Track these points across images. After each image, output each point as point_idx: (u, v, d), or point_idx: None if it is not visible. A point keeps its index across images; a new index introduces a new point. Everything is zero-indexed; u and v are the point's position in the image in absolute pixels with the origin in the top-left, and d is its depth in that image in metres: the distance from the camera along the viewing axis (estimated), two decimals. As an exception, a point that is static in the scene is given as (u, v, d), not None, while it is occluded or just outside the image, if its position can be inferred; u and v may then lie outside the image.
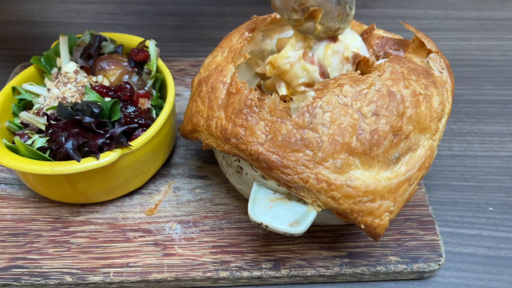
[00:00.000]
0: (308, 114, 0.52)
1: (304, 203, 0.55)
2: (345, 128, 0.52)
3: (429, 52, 0.62)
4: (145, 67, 0.72)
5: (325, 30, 0.57)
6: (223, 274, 0.61)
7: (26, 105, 0.69)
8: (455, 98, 0.90)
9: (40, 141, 0.62)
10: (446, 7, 1.15)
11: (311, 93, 0.55)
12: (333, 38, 0.59)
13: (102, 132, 0.61)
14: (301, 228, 0.52)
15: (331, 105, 0.53)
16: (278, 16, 0.66)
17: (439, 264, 0.63)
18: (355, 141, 0.52)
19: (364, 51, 0.60)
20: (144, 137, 0.63)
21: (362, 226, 0.54)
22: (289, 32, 0.68)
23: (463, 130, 0.85)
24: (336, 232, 0.66)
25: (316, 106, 0.53)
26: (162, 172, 0.74)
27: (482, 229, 0.70)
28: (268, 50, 0.67)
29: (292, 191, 0.54)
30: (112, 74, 0.69)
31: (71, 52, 0.71)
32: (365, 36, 0.66)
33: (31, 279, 0.60)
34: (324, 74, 0.59)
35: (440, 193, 0.75)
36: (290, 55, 0.58)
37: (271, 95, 0.55)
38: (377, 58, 0.66)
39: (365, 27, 0.69)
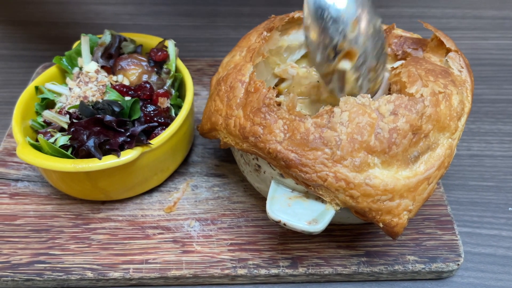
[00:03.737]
0: (326, 115, 0.53)
1: (322, 201, 0.55)
2: (364, 126, 0.52)
3: (448, 50, 0.62)
4: (164, 66, 0.73)
5: (355, 86, 0.55)
6: (241, 271, 0.62)
7: (49, 104, 0.71)
8: (474, 98, 0.89)
9: (62, 139, 0.63)
10: (464, 6, 1.14)
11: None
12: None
13: (122, 130, 0.62)
14: (319, 227, 0.52)
15: (349, 104, 0.53)
16: (296, 15, 0.67)
17: (458, 264, 0.62)
18: (374, 140, 0.52)
19: None
20: (164, 135, 0.64)
21: (381, 225, 0.54)
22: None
23: (482, 129, 0.84)
24: (353, 231, 0.66)
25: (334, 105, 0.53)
26: (181, 170, 0.74)
27: (502, 230, 0.70)
28: (285, 46, 0.68)
29: (311, 189, 0.54)
30: (132, 73, 0.71)
31: (92, 52, 0.73)
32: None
33: (53, 274, 0.61)
34: None
35: (458, 193, 0.74)
36: None
37: (290, 94, 0.55)
38: (396, 57, 0.65)
39: (383, 26, 0.69)
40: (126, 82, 0.70)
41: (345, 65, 0.53)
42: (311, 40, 0.52)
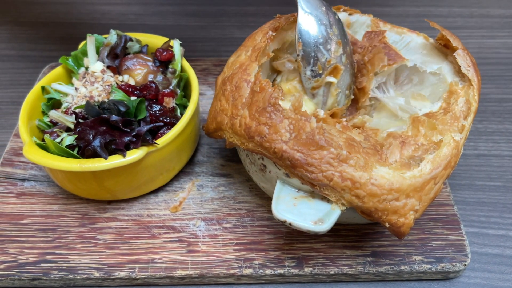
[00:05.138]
0: (319, 136, 0.54)
1: (328, 201, 0.55)
2: (353, 139, 0.54)
3: (455, 49, 0.61)
4: (170, 66, 0.73)
5: (335, 100, 0.62)
6: (247, 271, 0.62)
7: (55, 104, 0.71)
8: (481, 97, 0.88)
9: (68, 139, 0.63)
10: (471, 4, 1.13)
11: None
12: None
13: (128, 130, 0.62)
14: (325, 226, 0.52)
15: (333, 128, 0.55)
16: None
17: (465, 265, 0.62)
18: (365, 149, 0.53)
19: None
20: (169, 135, 0.64)
21: (387, 225, 0.54)
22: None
23: (489, 129, 0.84)
24: (359, 231, 0.66)
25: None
26: (186, 170, 0.75)
27: (509, 230, 0.69)
28: (289, 42, 0.67)
29: (316, 189, 0.54)
30: (137, 73, 0.71)
31: (98, 52, 0.73)
32: (371, 35, 0.66)
33: (60, 273, 0.62)
34: None
35: (465, 193, 0.74)
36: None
37: (296, 94, 0.55)
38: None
39: (388, 25, 0.69)
40: (132, 82, 0.70)
41: (331, 79, 0.61)
42: (303, 56, 0.59)
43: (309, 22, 0.58)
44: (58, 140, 0.64)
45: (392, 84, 0.66)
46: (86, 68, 0.72)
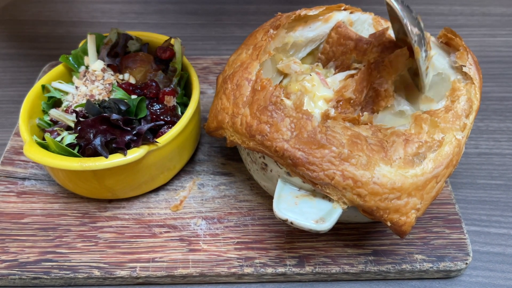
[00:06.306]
0: (320, 134, 0.53)
1: (330, 200, 0.55)
2: (358, 135, 0.53)
3: (457, 48, 0.61)
4: (170, 65, 0.73)
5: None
6: (248, 270, 0.62)
7: (55, 103, 0.71)
8: (482, 96, 0.88)
9: (69, 138, 0.63)
10: (472, 3, 1.13)
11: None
12: None
13: (129, 129, 0.62)
14: (326, 225, 0.52)
15: (336, 125, 0.54)
16: (302, 13, 0.66)
17: (466, 263, 0.62)
18: (370, 146, 0.52)
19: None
20: (170, 134, 0.64)
21: (388, 224, 0.53)
22: (314, 25, 0.68)
23: (490, 127, 0.83)
24: (360, 229, 0.66)
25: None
26: (187, 168, 0.74)
27: (510, 228, 0.69)
28: (291, 43, 0.67)
29: (318, 188, 0.54)
30: (138, 72, 0.71)
31: (98, 51, 0.73)
32: (376, 35, 0.66)
33: (61, 272, 0.62)
34: None
35: (467, 192, 0.73)
36: None
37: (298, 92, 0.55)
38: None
39: (390, 23, 0.69)
40: (132, 81, 0.70)
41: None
42: (419, 40, 0.57)
43: (404, 7, 0.55)
44: (58, 139, 0.64)
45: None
46: (87, 67, 0.72)
